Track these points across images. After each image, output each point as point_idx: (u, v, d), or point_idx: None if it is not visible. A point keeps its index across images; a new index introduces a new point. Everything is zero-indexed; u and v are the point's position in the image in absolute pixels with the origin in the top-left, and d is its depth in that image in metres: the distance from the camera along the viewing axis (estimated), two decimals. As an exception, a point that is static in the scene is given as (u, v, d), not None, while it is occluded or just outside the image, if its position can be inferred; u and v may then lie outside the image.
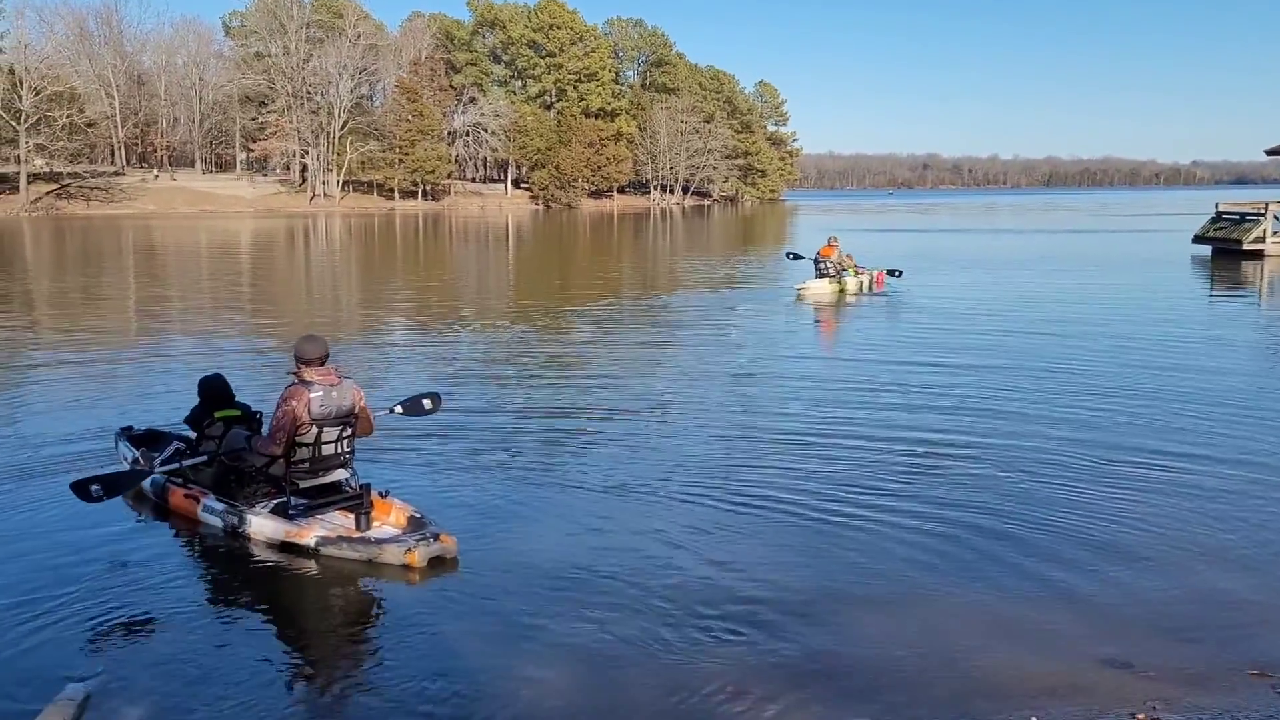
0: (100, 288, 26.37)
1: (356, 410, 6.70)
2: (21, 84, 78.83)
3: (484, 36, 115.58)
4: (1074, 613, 5.56)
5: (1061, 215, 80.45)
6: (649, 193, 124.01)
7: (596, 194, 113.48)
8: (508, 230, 61.93)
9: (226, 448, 7.04)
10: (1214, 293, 24.78)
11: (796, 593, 5.84)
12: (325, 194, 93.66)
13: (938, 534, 6.77)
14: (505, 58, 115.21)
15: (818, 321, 19.32)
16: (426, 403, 7.95)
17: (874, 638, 5.26)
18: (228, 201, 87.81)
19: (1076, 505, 7.32)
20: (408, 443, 9.00)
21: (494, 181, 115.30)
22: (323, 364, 6.63)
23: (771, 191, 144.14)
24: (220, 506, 6.79)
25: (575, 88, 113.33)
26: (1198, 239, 35.84)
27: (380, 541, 6.26)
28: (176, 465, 7.19)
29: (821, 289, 21.71)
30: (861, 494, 7.64)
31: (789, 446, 9.17)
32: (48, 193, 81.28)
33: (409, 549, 6.11)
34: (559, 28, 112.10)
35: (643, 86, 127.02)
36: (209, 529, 6.83)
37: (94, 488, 6.51)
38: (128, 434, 8.24)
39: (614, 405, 10.95)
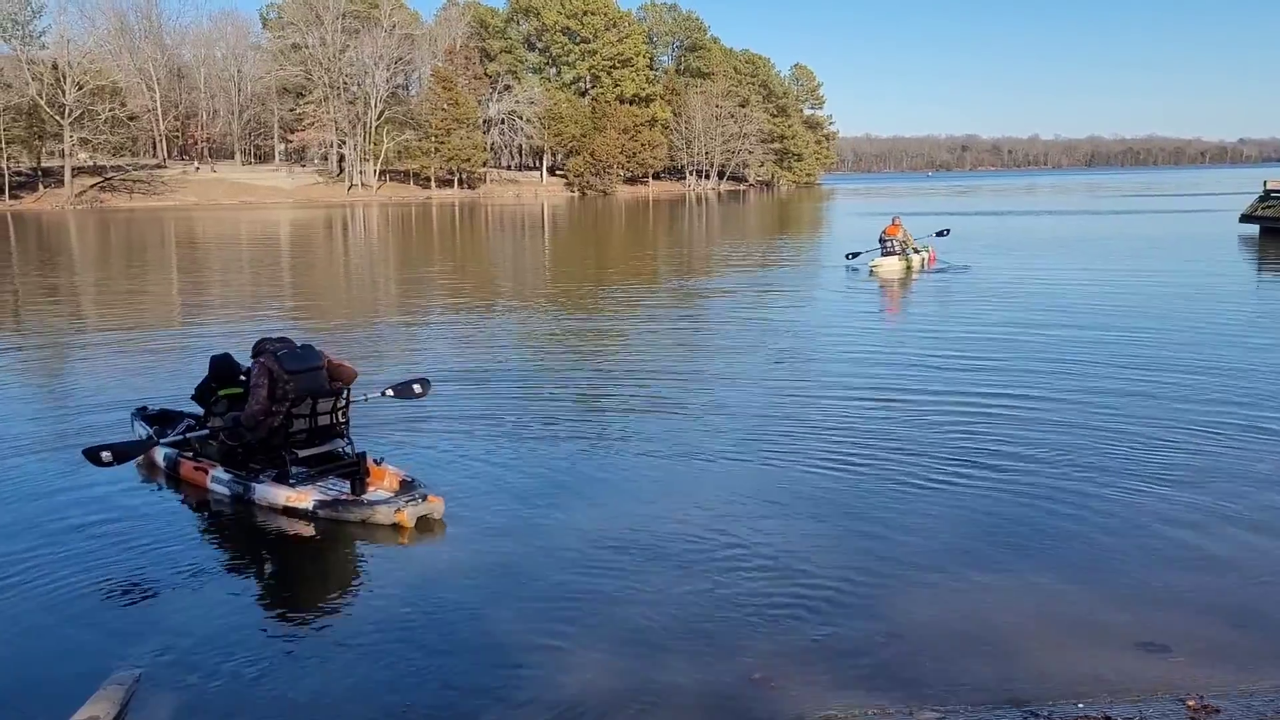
0: (142, 276, 26.76)
1: (326, 365, 7.18)
2: (65, 78, 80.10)
3: (518, 24, 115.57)
4: (1122, 597, 5.49)
5: (1104, 196, 79.11)
6: (684, 178, 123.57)
7: (631, 180, 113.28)
8: (543, 217, 62.05)
9: (222, 427, 7.48)
10: (1263, 272, 24.29)
11: (838, 569, 5.83)
12: (362, 183, 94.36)
13: (985, 515, 6.73)
14: (539, 45, 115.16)
15: (884, 296, 20.33)
16: (416, 387, 8.45)
17: (917, 619, 5.23)
18: (267, 192, 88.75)
19: (1126, 488, 7.23)
20: (458, 413, 9.10)
21: (529, 169, 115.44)
22: (282, 343, 7.22)
23: (808, 176, 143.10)
24: (227, 477, 7.25)
25: (610, 74, 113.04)
26: (1245, 218, 35.10)
27: (373, 503, 6.73)
28: (181, 437, 7.76)
29: (892, 266, 23.19)
30: (909, 472, 7.62)
31: (841, 419, 9.23)
32: (91, 186, 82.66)
33: (399, 509, 6.59)
34: (593, 14, 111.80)
35: (677, 71, 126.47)
36: (217, 497, 7.27)
37: (104, 454, 7.01)
38: (142, 413, 8.73)
39: (687, 380, 10.99)
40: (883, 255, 23.47)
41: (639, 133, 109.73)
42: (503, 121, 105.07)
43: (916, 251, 23.96)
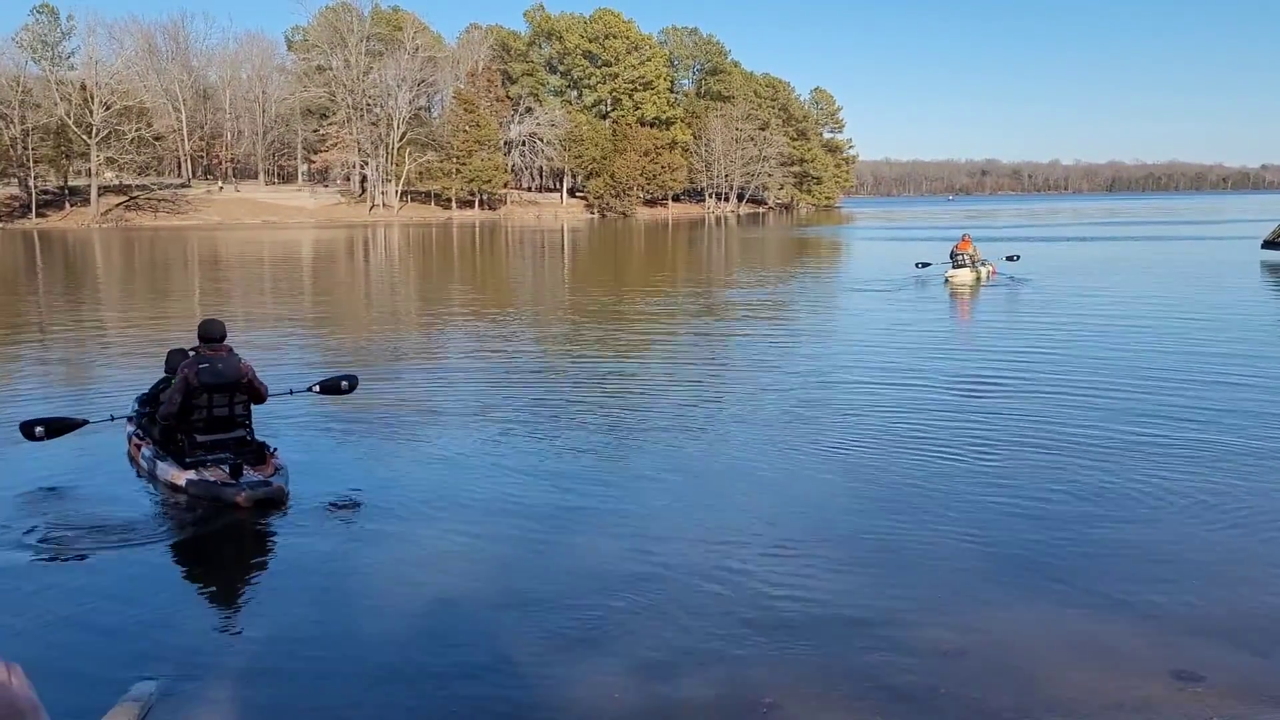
0: (165, 290, 27.00)
1: (243, 381, 7.91)
2: (93, 99, 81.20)
3: (540, 47, 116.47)
4: (1144, 624, 5.39)
5: (1126, 221, 78.67)
6: (704, 200, 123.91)
7: (651, 202, 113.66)
8: (563, 238, 62.25)
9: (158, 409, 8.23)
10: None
11: (856, 591, 5.76)
12: (384, 204, 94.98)
13: (1005, 540, 6.63)
14: (561, 68, 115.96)
15: (954, 304, 22.21)
16: (344, 384, 9.20)
17: (933, 645, 5.14)
18: (290, 212, 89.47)
19: (1159, 512, 7.13)
20: (474, 421, 9.13)
21: (550, 190, 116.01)
22: (219, 341, 7.92)
23: (827, 198, 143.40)
24: (149, 454, 8.10)
25: (630, 96, 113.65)
26: (1268, 244, 34.85)
27: (224, 485, 7.38)
28: (114, 418, 8.80)
29: (965, 277, 25.75)
30: (930, 494, 7.54)
31: (865, 435, 9.22)
32: (117, 204, 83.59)
33: (240, 492, 7.25)
34: (614, 37, 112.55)
35: (698, 94, 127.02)
36: (142, 470, 8.17)
37: (38, 429, 7.93)
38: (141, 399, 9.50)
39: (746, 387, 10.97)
40: (955, 267, 25.95)
41: (659, 155, 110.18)
42: (524, 143, 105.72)
43: (983, 264, 26.66)
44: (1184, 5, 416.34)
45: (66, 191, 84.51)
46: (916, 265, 27.63)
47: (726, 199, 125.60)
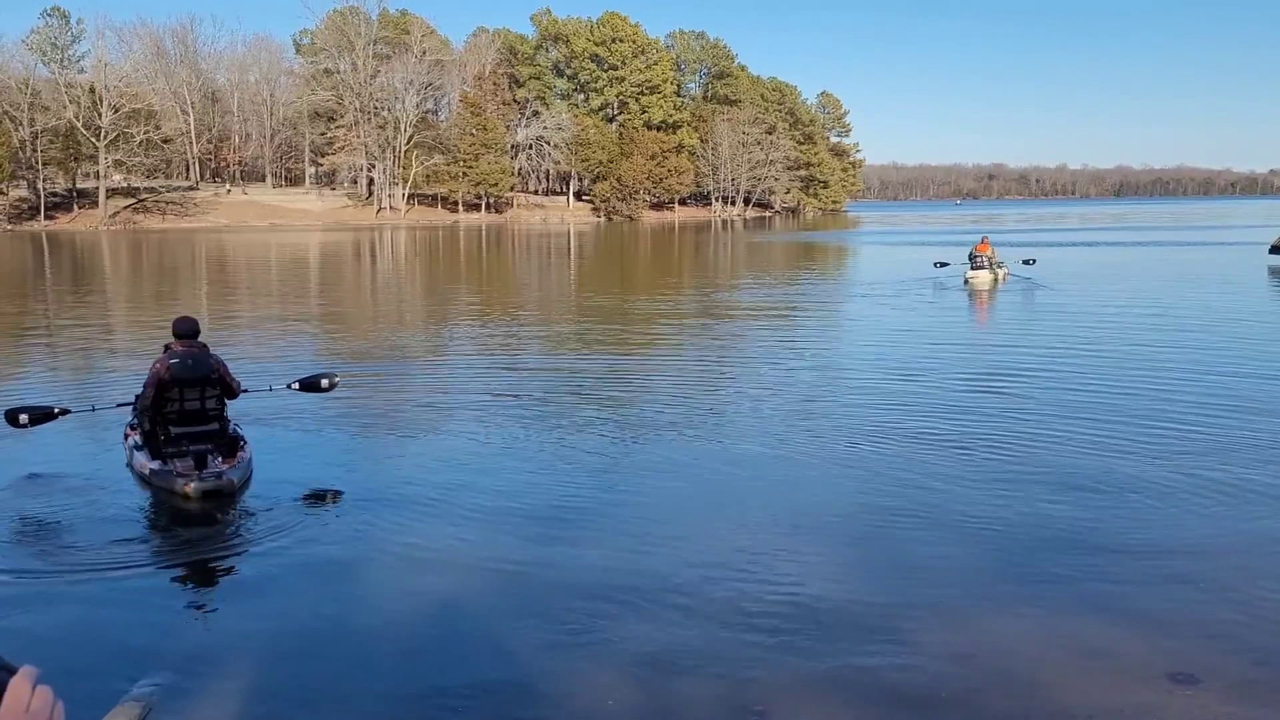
0: (172, 293, 27.09)
1: (213, 376, 8.05)
2: (101, 102, 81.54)
3: (547, 51, 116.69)
4: (1142, 627, 5.38)
5: (1134, 226, 78.48)
6: (710, 204, 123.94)
7: (658, 205, 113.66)
8: (570, 242, 62.31)
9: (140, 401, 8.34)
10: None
11: (852, 595, 5.75)
12: (391, 207, 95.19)
13: (1003, 541, 6.63)
14: (568, 71, 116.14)
15: (972, 305, 22.87)
16: (324, 381, 9.20)
17: (930, 647, 5.13)
18: (297, 215, 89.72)
19: (1150, 518, 7.11)
20: (474, 424, 9.14)
21: (556, 194, 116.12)
22: (193, 338, 8.08)
23: (834, 203, 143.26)
24: (132, 444, 8.25)
25: (637, 100, 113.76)
26: (1276, 249, 34.73)
27: (178, 475, 7.47)
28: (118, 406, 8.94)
29: (984, 277, 26.30)
30: (928, 494, 7.53)
31: (866, 436, 9.20)
32: (125, 207, 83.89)
33: (188, 483, 7.34)
34: (621, 41, 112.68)
35: (704, 98, 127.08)
36: (126, 459, 8.29)
37: (21, 417, 8.17)
38: None
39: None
40: (973, 268, 26.38)
41: (666, 158, 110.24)
42: (530, 146, 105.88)
43: (1000, 266, 27.18)
44: (1192, 9, 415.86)
45: (75, 194, 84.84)
46: (935, 264, 28.03)
47: (733, 202, 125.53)
